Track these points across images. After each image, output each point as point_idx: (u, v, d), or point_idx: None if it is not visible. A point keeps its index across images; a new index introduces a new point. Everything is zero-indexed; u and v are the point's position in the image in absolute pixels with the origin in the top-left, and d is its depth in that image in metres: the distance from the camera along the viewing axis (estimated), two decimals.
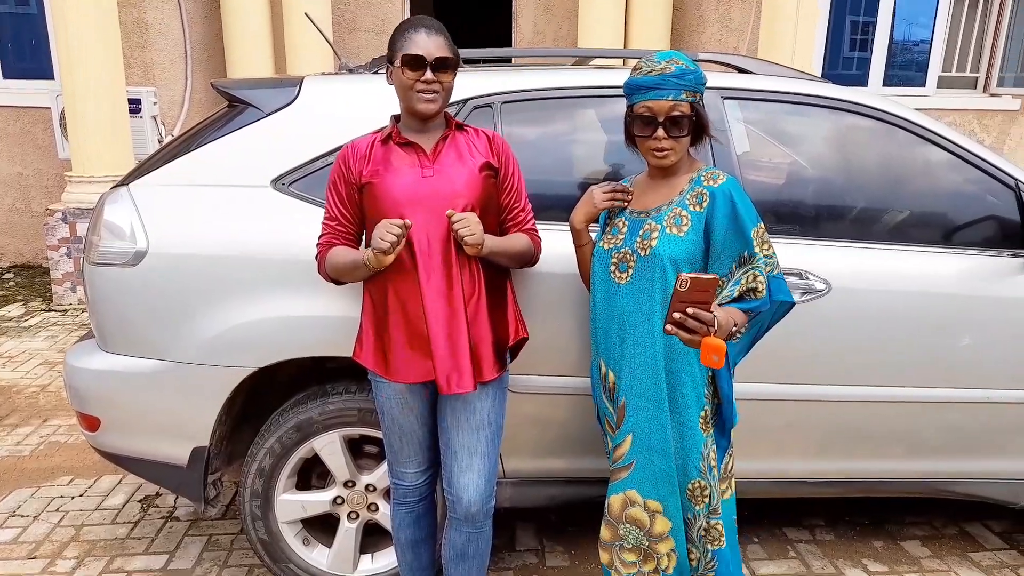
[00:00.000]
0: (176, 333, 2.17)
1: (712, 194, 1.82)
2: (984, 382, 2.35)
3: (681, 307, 1.63)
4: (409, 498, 2.07)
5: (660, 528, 1.93)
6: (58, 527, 2.85)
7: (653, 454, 1.89)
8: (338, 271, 1.91)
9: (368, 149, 1.89)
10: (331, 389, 2.30)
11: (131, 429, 2.30)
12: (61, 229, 5.43)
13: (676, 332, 1.66)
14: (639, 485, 1.92)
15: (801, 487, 2.47)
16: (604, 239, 1.98)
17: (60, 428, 3.65)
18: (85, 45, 5.10)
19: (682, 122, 1.80)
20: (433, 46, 1.80)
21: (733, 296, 1.82)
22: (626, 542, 1.97)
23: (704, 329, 1.64)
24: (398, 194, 1.83)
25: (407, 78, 1.80)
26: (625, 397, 1.92)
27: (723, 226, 1.81)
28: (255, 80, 2.49)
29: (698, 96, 1.84)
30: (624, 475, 1.94)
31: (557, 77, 2.38)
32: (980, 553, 2.74)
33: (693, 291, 1.61)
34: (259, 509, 2.32)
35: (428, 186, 1.84)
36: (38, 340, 4.89)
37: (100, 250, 2.17)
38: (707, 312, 1.63)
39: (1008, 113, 6.88)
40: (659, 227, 1.85)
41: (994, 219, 2.38)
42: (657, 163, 1.87)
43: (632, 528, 1.95)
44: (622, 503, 1.95)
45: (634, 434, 1.92)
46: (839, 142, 2.49)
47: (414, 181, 1.84)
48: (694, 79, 1.80)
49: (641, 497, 1.93)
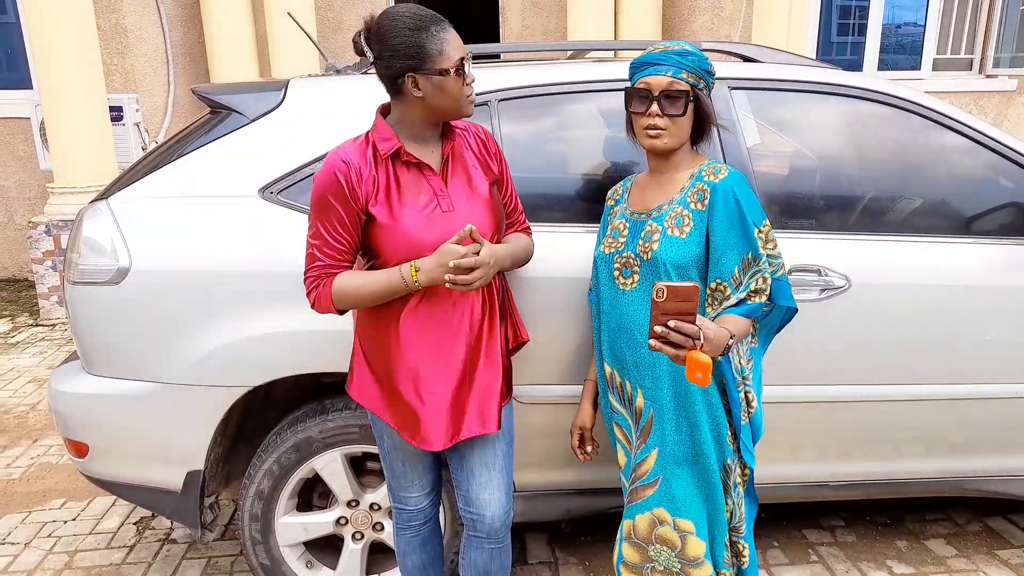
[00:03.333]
0: (164, 353, 2.06)
1: (713, 190, 1.70)
2: (1010, 376, 2.27)
3: (662, 320, 1.47)
4: (414, 522, 1.97)
5: (694, 551, 1.81)
6: (51, 554, 2.74)
7: (679, 469, 1.80)
8: (362, 301, 1.69)
9: (371, 168, 1.66)
10: (330, 405, 2.20)
11: (121, 454, 2.20)
12: (45, 242, 5.31)
13: (661, 348, 1.49)
14: (667, 503, 1.81)
15: (823, 490, 2.39)
16: (604, 243, 1.87)
17: (51, 448, 3.54)
18: (62, 52, 4.97)
19: (679, 100, 1.69)
20: (460, 41, 1.64)
21: (737, 298, 1.70)
22: (657, 564, 1.86)
23: (689, 343, 1.48)
24: (418, 238, 1.64)
25: (455, 85, 1.62)
26: (653, 409, 1.81)
27: (723, 226, 1.68)
28: (238, 85, 2.37)
29: (701, 82, 1.73)
30: (650, 493, 1.84)
31: (555, 72, 2.28)
32: (1008, 551, 2.66)
33: (672, 301, 1.46)
34: (259, 533, 2.23)
35: (448, 224, 1.67)
36: (26, 357, 4.77)
37: (80, 268, 2.06)
38: (690, 324, 1.47)
39: (1005, 94, 6.82)
40: (660, 228, 1.74)
41: (1015, 206, 2.29)
42: (650, 144, 1.75)
43: (663, 549, 1.84)
44: (650, 523, 1.84)
45: (660, 449, 1.81)
46: (853, 131, 2.39)
47: (435, 221, 1.67)
48: (696, 61, 1.71)
49: (671, 516, 1.81)
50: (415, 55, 1.59)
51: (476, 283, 1.59)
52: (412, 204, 1.66)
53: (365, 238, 1.70)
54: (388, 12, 1.64)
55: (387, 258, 1.68)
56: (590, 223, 2.17)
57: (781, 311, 1.84)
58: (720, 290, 1.72)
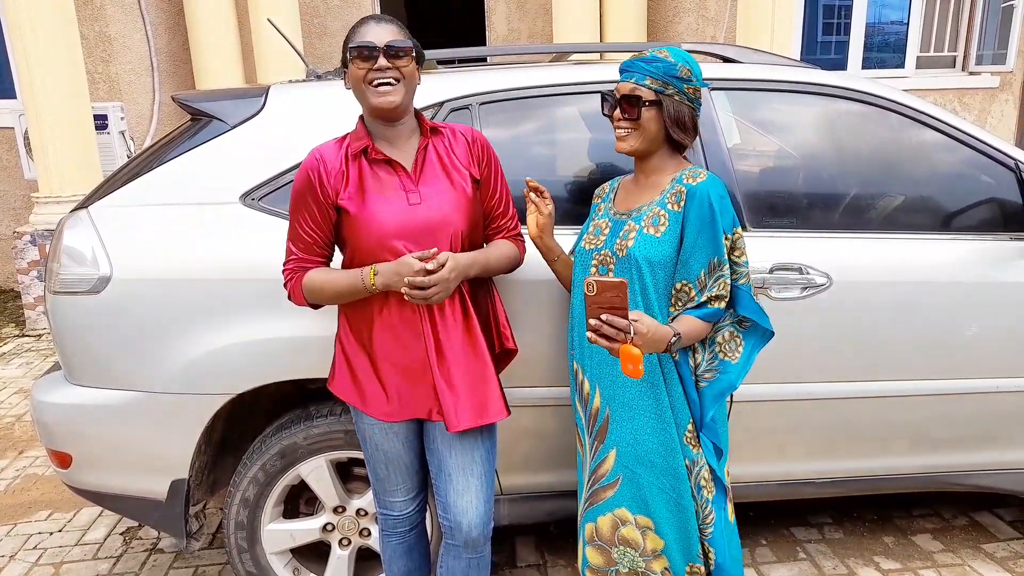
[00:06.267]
0: (147, 362, 2.05)
1: (690, 192, 1.73)
2: (992, 371, 2.28)
3: (595, 312, 1.55)
4: (400, 528, 1.96)
5: (652, 545, 1.83)
6: (36, 566, 2.72)
7: (639, 467, 1.80)
8: (325, 297, 1.77)
9: (342, 164, 1.72)
10: (315, 412, 2.19)
11: (105, 464, 2.18)
12: (30, 252, 5.27)
13: (596, 340, 1.57)
14: (628, 502, 1.82)
15: (807, 488, 2.39)
16: (586, 239, 1.90)
17: (37, 460, 3.51)
18: (45, 61, 4.94)
19: (637, 105, 1.75)
20: (383, 32, 1.66)
21: (699, 302, 1.74)
22: (621, 566, 1.86)
23: (621, 336, 1.54)
24: (383, 226, 1.69)
25: (359, 70, 1.67)
26: (609, 408, 1.82)
27: (695, 228, 1.72)
28: (218, 91, 2.37)
29: (669, 88, 1.75)
30: (610, 494, 1.84)
31: (536, 75, 2.28)
32: (993, 544, 2.67)
33: (602, 294, 1.53)
34: (245, 541, 2.21)
35: (415, 215, 1.71)
36: (12, 367, 4.73)
37: (61, 278, 2.04)
38: (621, 319, 1.53)
39: (988, 91, 6.87)
40: (637, 227, 1.78)
41: (994, 202, 2.31)
42: (618, 146, 1.82)
43: (627, 551, 1.85)
44: (612, 524, 1.85)
45: (618, 447, 1.82)
46: (832, 129, 2.41)
47: (400, 210, 1.70)
48: (663, 68, 1.74)
49: (631, 515, 1.83)
50: (343, 52, 1.71)
51: (433, 297, 1.64)
52: (379, 196, 1.71)
53: (338, 231, 1.76)
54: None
55: (356, 248, 1.73)
56: (573, 225, 2.18)
57: (759, 332, 1.84)
58: (685, 291, 1.75)
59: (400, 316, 1.74)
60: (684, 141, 1.80)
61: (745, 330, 1.83)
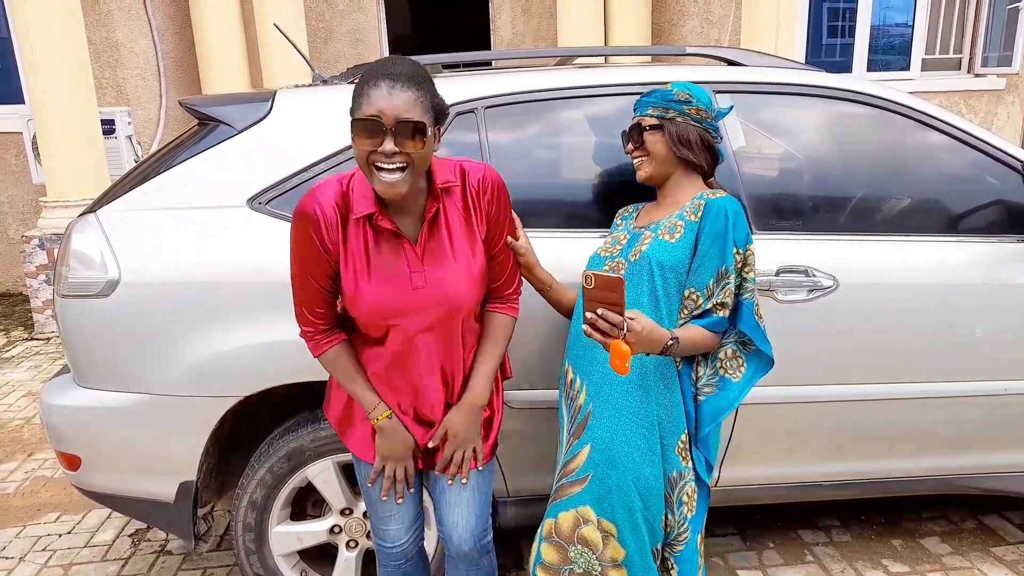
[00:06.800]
0: (155, 365, 2.06)
1: (707, 205, 1.80)
2: (1000, 374, 2.28)
3: (592, 306, 1.57)
4: (394, 561, 1.89)
5: (612, 554, 1.78)
6: (45, 568, 2.74)
7: (612, 469, 1.76)
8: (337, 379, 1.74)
9: (338, 220, 1.55)
10: (322, 414, 2.19)
11: (113, 466, 2.20)
12: (39, 256, 5.30)
13: (591, 333, 1.59)
14: (594, 502, 1.78)
15: (817, 491, 2.39)
16: (603, 247, 1.96)
17: (46, 462, 3.53)
18: (53, 66, 4.97)
19: (641, 135, 1.89)
20: (396, 102, 1.41)
21: (705, 310, 1.77)
22: (576, 566, 1.81)
23: (615, 331, 1.56)
24: (382, 309, 1.59)
25: (360, 148, 1.44)
26: (592, 404, 1.81)
27: (709, 236, 1.77)
28: (225, 96, 2.38)
29: (670, 112, 1.85)
30: (577, 489, 1.80)
31: (541, 78, 2.29)
32: (1003, 547, 2.66)
33: (599, 289, 1.56)
34: (253, 543, 2.22)
35: (417, 298, 1.59)
36: (20, 371, 4.76)
37: (70, 281, 2.06)
38: (616, 315, 1.55)
39: (994, 93, 6.84)
40: (653, 235, 1.84)
41: (1001, 204, 2.31)
42: (637, 176, 1.93)
43: (584, 551, 1.80)
44: (573, 521, 1.80)
45: (593, 444, 1.79)
46: (838, 132, 2.41)
47: (401, 291, 1.58)
48: (659, 95, 1.88)
49: (595, 515, 1.78)
50: (351, 104, 1.49)
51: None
52: (380, 273, 1.58)
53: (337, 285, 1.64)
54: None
55: (355, 316, 1.66)
56: (577, 229, 2.19)
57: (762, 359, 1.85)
58: (692, 299, 1.78)
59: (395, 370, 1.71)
60: (691, 159, 1.86)
61: (748, 353, 1.85)
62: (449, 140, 2.17)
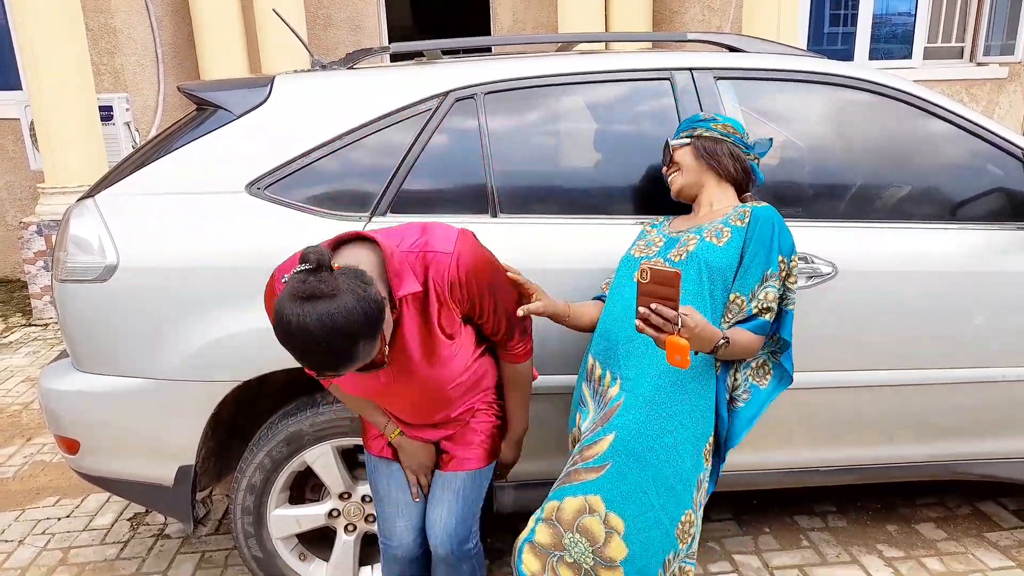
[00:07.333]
0: (153, 349, 2.06)
1: (755, 213, 1.82)
2: (998, 360, 2.28)
3: (645, 301, 1.54)
4: (398, 564, 1.90)
5: (613, 553, 1.64)
6: (45, 551, 2.75)
7: (633, 462, 1.66)
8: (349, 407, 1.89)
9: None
10: (321, 399, 2.20)
11: (112, 450, 2.21)
12: (37, 242, 5.30)
13: (644, 329, 1.56)
14: (606, 492, 1.66)
15: (813, 476, 2.40)
16: (636, 248, 1.96)
17: (44, 447, 3.54)
18: (51, 52, 4.95)
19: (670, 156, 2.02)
20: (350, 371, 1.43)
21: (750, 315, 1.77)
22: (567, 554, 1.67)
23: (669, 327, 1.53)
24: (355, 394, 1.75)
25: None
26: (624, 397, 1.74)
27: (757, 242, 1.78)
28: (224, 81, 2.37)
29: (697, 129, 1.96)
30: (591, 477, 1.68)
31: (542, 64, 2.28)
32: (997, 533, 2.68)
33: (653, 283, 1.52)
34: (251, 526, 2.23)
35: (389, 389, 1.70)
36: (19, 356, 4.76)
37: (68, 266, 2.06)
38: (670, 310, 1.52)
39: (996, 81, 6.83)
40: (697, 237, 1.83)
41: (1001, 191, 2.30)
42: (671, 194, 2.04)
43: (580, 540, 1.66)
44: (579, 508, 1.67)
45: (617, 434, 1.69)
46: (838, 119, 2.40)
47: (371, 387, 1.71)
48: (687, 121, 2.02)
49: (604, 507, 1.65)
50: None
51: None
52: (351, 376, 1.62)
53: None
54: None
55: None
56: (577, 215, 2.18)
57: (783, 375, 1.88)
58: (737, 304, 1.78)
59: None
60: (719, 165, 1.93)
61: (775, 363, 1.88)
62: (448, 127, 2.17)
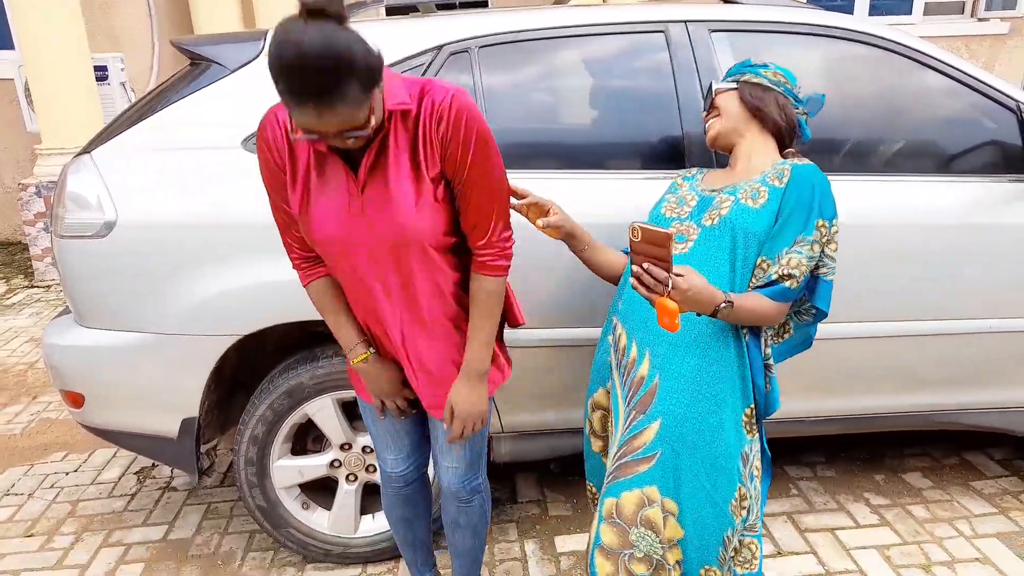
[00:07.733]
0: (154, 304, 2.09)
1: (795, 172, 1.68)
2: (987, 311, 2.31)
3: (638, 260, 1.51)
4: (395, 483, 1.96)
5: (671, 533, 1.65)
6: (54, 503, 2.82)
7: (682, 447, 1.63)
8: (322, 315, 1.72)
9: (283, 136, 1.49)
10: (320, 353, 2.24)
11: (116, 404, 2.25)
12: (36, 203, 5.30)
13: (637, 287, 1.51)
14: (661, 480, 1.63)
15: (800, 426, 2.45)
16: (666, 206, 1.84)
17: (51, 404, 3.60)
18: (44, 12, 4.90)
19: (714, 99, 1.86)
20: (336, 120, 1.28)
21: (769, 280, 1.65)
22: (637, 550, 1.65)
23: (660, 287, 1.48)
24: (320, 233, 1.51)
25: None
26: (659, 376, 1.67)
27: (791, 204, 1.65)
28: (217, 36, 2.36)
29: (745, 75, 1.81)
30: (644, 468, 1.64)
31: (537, 17, 2.27)
32: (982, 481, 2.74)
33: (645, 243, 1.48)
34: (255, 476, 2.29)
35: (359, 225, 1.48)
36: (22, 317, 4.81)
37: (66, 222, 2.08)
38: (661, 271, 1.47)
39: (997, 37, 6.76)
40: (732, 198, 1.70)
41: (995, 144, 2.31)
42: (707, 140, 1.88)
43: (647, 533, 1.64)
44: (638, 502, 1.64)
45: (663, 420, 1.64)
46: (834, 72, 2.40)
47: (338, 214, 1.48)
48: (736, 66, 1.88)
49: (660, 495, 1.63)
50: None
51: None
52: (323, 198, 1.50)
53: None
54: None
55: (310, 244, 1.59)
56: (576, 170, 2.19)
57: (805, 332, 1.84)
58: (763, 268, 1.67)
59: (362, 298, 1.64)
60: (763, 113, 1.77)
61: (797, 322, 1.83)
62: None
